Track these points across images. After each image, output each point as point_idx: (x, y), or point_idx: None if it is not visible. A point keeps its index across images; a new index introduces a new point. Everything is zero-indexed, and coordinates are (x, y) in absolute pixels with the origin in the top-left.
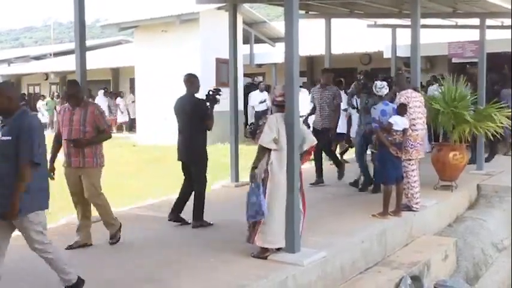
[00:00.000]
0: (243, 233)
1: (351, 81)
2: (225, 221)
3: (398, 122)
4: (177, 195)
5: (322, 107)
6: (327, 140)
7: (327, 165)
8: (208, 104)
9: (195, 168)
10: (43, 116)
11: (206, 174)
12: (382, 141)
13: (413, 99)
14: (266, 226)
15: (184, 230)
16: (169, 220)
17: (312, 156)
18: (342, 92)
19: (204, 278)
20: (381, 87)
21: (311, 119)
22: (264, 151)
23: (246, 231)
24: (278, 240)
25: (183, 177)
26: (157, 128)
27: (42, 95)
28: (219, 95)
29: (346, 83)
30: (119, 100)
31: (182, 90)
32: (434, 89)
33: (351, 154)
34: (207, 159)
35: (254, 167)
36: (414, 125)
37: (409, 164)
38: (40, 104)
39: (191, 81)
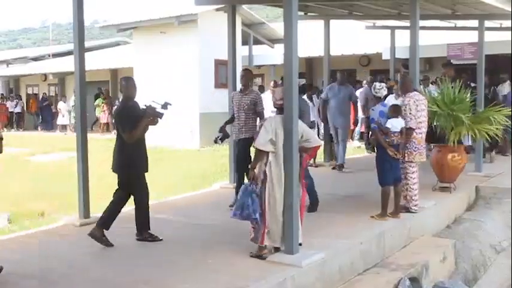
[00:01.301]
0: (242, 234)
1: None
2: (223, 222)
3: (395, 124)
4: (176, 197)
5: (240, 115)
6: (247, 154)
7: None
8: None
9: (123, 180)
10: (63, 118)
11: (143, 185)
12: (380, 143)
13: (420, 102)
14: (272, 226)
15: (182, 231)
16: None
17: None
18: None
19: (203, 279)
20: (380, 88)
21: (229, 128)
22: (261, 153)
23: (251, 232)
24: (280, 240)
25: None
26: (156, 129)
27: (64, 96)
28: (166, 108)
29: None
30: None
31: (181, 91)
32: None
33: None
34: (132, 170)
35: (252, 168)
36: (419, 128)
37: (410, 166)
38: (61, 106)
39: (121, 85)
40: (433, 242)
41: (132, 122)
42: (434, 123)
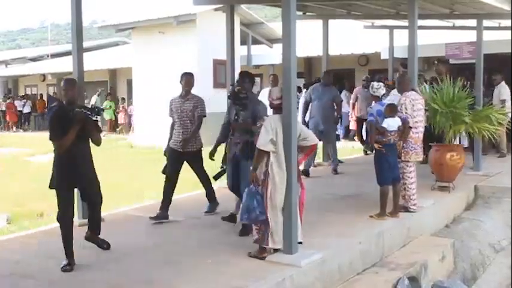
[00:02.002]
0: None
1: (349, 83)
2: (223, 221)
3: (391, 124)
4: (176, 197)
5: (183, 122)
6: (203, 167)
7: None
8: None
9: None
10: None
11: (59, 205)
12: (371, 136)
13: (416, 101)
14: (274, 227)
15: (181, 231)
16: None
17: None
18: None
19: (202, 279)
20: (378, 87)
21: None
22: (262, 153)
23: (254, 233)
24: (281, 240)
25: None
26: (155, 129)
27: None
28: (97, 113)
29: (342, 84)
30: None
31: (179, 91)
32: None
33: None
34: (51, 181)
35: (254, 169)
36: (416, 127)
37: (407, 165)
38: None
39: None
40: (432, 242)
41: (62, 129)
42: (430, 123)
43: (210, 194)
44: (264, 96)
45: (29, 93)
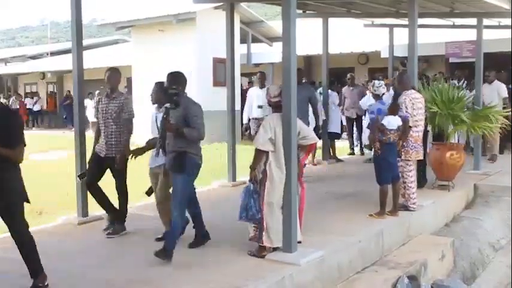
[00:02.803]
0: (241, 233)
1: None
2: (222, 220)
3: (392, 122)
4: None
5: (107, 123)
6: (123, 179)
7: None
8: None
9: None
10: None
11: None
12: (372, 135)
13: (416, 100)
14: (273, 226)
15: None
16: None
17: None
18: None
19: (201, 278)
20: (379, 86)
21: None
22: (260, 152)
23: (251, 231)
24: (280, 239)
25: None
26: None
27: (90, 92)
28: None
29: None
30: None
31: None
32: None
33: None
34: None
35: (253, 168)
36: (416, 126)
37: (407, 164)
38: (87, 103)
39: None
40: (432, 241)
41: None
42: (429, 124)
43: (121, 212)
44: (252, 96)
45: (29, 91)
